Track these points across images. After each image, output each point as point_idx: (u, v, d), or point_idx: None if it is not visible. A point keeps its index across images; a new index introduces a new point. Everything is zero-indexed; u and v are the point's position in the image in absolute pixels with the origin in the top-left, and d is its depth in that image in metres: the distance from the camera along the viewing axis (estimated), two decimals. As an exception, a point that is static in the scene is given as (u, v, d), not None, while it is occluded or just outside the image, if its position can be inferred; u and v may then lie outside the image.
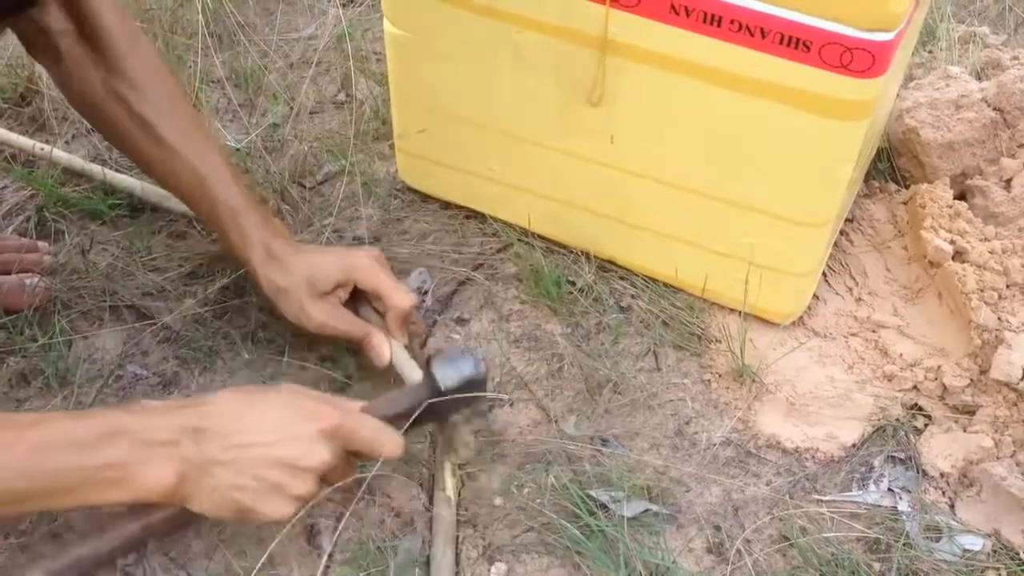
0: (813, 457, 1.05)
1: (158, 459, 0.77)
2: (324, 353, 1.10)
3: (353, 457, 0.86)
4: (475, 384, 0.92)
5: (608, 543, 0.94)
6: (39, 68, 1.41)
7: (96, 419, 0.78)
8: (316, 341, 1.08)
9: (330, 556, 0.92)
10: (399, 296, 1.04)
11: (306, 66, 1.51)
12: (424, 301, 1.17)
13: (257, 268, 1.04)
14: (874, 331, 1.15)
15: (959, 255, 1.14)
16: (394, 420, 0.89)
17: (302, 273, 1.03)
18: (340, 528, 0.94)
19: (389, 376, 1.06)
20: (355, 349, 1.06)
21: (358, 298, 1.07)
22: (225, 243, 1.07)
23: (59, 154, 1.29)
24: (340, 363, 1.08)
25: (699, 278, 1.15)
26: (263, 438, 0.80)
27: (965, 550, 0.97)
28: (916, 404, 1.09)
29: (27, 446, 0.74)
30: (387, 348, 1.03)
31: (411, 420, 0.90)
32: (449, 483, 0.96)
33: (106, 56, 1.02)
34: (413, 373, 1.02)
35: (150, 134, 1.03)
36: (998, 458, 1.01)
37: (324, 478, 0.83)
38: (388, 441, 0.87)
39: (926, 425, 1.07)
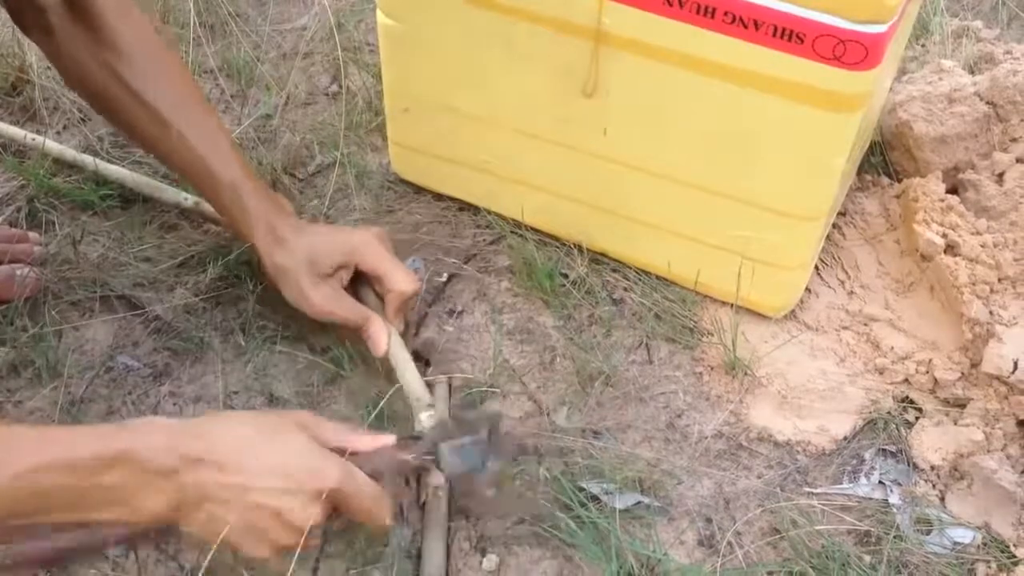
0: (804, 450, 1.05)
1: (156, 487, 0.75)
2: (315, 344, 1.09)
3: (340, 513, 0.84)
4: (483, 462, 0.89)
5: (600, 535, 0.94)
6: (30, 57, 1.40)
7: (100, 440, 0.75)
8: (312, 328, 1.08)
9: (320, 548, 0.92)
10: (401, 280, 1.02)
11: (298, 57, 1.50)
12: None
13: (260, 246, 1.02)
14: (866, 324, 1.16)
15: (951, 249, 1.14)
16: (394, 468, 0.87)
17: (303, 254, 1.01)
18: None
19: (381, 368, 1.06)
20: (351, 336, 1.05)
21: (359, 279, 1.06)
22: (228, 221, 1.05)
23: (50, 144, 1.28)
24: (332, 354, 1.08)
25: (692, 271, 1.15)
26: (261, 483, 0.77)
27: (955, 543, 0.97)
28: (907, 397, 1.09)
29: (24, 466, 0.71)
30: (384, 337, 1.02)
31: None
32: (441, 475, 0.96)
33: (98, 29, 0.99)
34: (405, 366, 1.02)
35: (148, 112, 1.00)
36: (989, 451, 1.01)
37: (309, 530, 0.81)
38: (380, 512, 0.84)
39: (917, 418, 1.07)
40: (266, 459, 0.78)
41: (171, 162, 1.07)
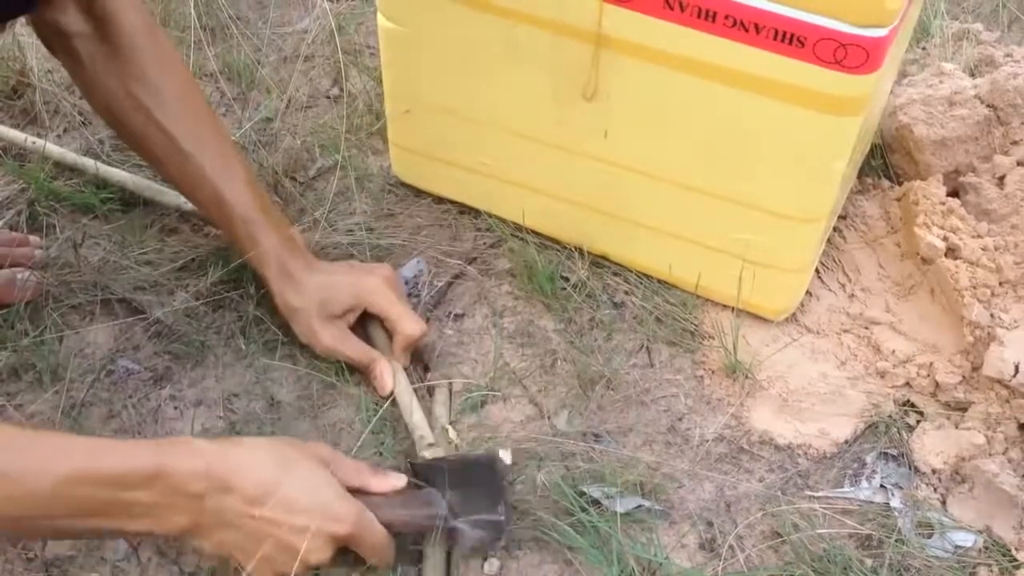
0: (805, 453, 1.05)
1: (183, 507, 0.78)
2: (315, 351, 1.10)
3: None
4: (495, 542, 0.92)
5: (601, 539, 0.93)
6: (31, 61, 1.40)
7: (141, 457, 0.77)
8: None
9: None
10: (408, 324, 1.06)
11: (299, 60, 1.50)
12: (420, 291, 1.17)
13: (272, 285, 1.05)
14: (867, 327, 1.16)
15: (952, 252, 1.14)
16: (407, 525, 0.90)
17: (314, 295, 1.05)
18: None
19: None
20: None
21: (368, 315, 1.09)
22: (242, 253, 1.07)
23: (51, 148, 1.28)
24: (330, 362, 1.08)
25: (693, 274, 1.15)
26: (280, 517, 0.81)
27: (957, 546, 0.97)
28: (908, 401, 1.09)
29: (69, 471, 0.74)
30: (389, 379, 1.05)
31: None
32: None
33: (126, 61, 1.01)
34: (411, 405, 1.03)
35: (170, 144, 1.03)
36: (990, 455, 1.01)
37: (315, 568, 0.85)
38: (384, 557, 0.89)
39: (918, 422, 1.07)
40: (290, 495, 0.81)
41: (188, 191, 1.09)
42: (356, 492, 0.87)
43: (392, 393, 1.05)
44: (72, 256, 1.17)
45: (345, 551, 0.86)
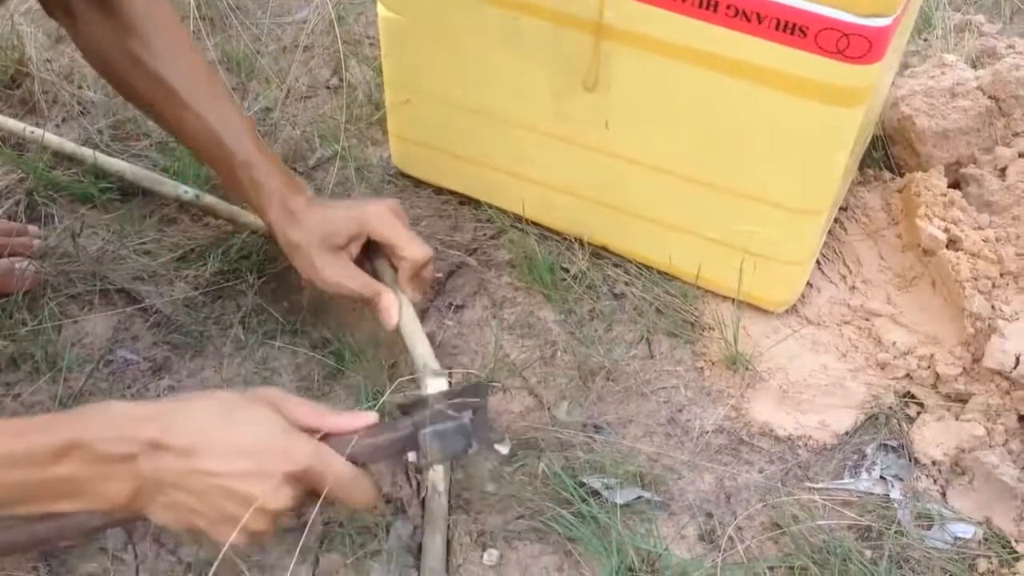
0: (805, 445, 1.05)
1: (114, 475, 0.72)
2: (316, 339, 1.09)
3: (315, 496, 0.80)
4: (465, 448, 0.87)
5: (600, 530, 0.93)
6: (29, 50, 1.40)
7: (50, 430, 0.72)
8: (313, 320, 1.08)
9: (320, 543, 0.92)
10: (413, 247, 1.02)
11: (298, 50, 1.50)
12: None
13: (273, 222, 1.02)
14: (867, 319, 1.15)
15: (953, 243, 1.14)
16: (373, 454, 0.84)
17: (316, 229, 1.01)
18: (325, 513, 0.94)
19: (383, 360, 1.06)
20: (353, 326, 1.04)
21: (374, 250, 1.05)
22: (243, 198, 1.05)
23: (50, 137, 1.28)
24: (332, 348, 1.08)
25: (693, 265, 1.15)
26: (225, 467, 0.74)
27: (956, 538, 0.97)
28: (909, 392, 1.09)
29: None
30: (395, 311, 1.01)
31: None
32: (440, 469, 0.96)
33: (117, 11, 0.99)
34: (416, 336, 1.01)
35: (165, 93, 1.01)
36: (990, 446, 1.01)
37: (282, 515, 0.78)
38: (357, 491, 0.81)
39: (919, 413, 1.07)
40: (230, 440, 0.75)
41: (187, 141, 1.07)
42: (317, 435, 0.80)
43: (398, 328, 1.02)
44: (71, 246, 1.16)
45: (316, 497, 0.79)
